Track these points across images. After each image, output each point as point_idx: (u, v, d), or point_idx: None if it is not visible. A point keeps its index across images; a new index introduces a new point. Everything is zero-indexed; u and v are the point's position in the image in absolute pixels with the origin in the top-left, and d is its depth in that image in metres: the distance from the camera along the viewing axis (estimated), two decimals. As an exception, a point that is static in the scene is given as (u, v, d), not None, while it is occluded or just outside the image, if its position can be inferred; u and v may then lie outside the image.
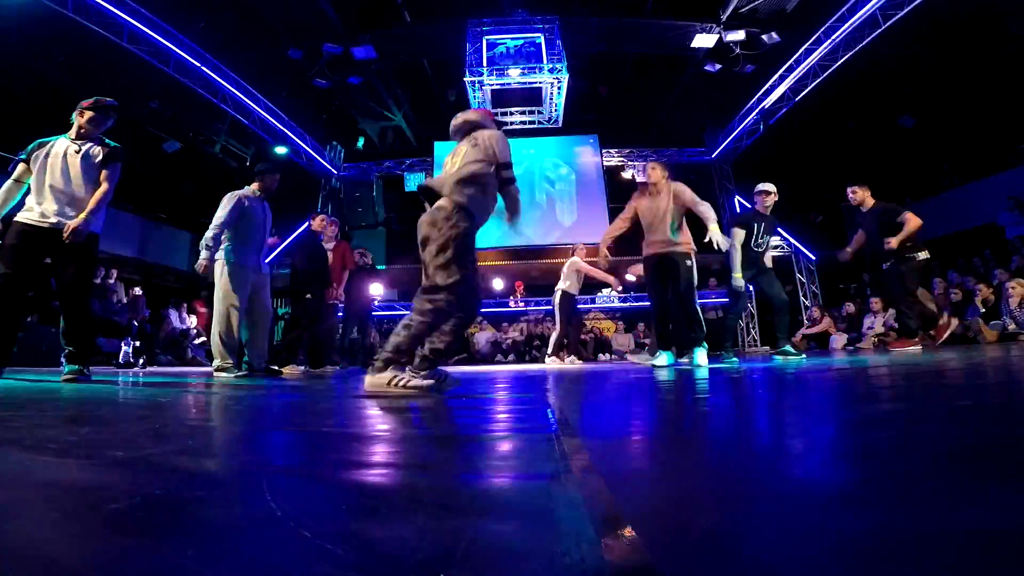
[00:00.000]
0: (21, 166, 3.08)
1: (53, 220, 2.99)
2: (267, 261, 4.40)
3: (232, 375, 3.78)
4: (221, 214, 3.89)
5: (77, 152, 3.10)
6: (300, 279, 4.96)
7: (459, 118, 2.28)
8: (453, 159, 2.18)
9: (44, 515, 0.54)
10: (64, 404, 1.82)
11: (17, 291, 2.97)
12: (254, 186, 4.20)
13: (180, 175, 11.52)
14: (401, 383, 1.91)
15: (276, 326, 7.53)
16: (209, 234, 3.84)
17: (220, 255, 3.94)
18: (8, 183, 3.06)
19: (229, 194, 4.03)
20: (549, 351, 6.62)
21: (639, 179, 11.54)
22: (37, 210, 2.99)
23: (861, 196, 5.07)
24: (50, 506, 0.58)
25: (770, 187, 4.77)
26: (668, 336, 4.24)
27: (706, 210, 3.97)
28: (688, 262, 4.02)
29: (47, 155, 3.06)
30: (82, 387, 2.56)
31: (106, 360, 7.05)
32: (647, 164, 4.40)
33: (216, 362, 3.90)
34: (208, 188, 12.28)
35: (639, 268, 4.71)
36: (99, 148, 3.18)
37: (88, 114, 3.16)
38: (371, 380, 1.95)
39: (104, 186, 3.13)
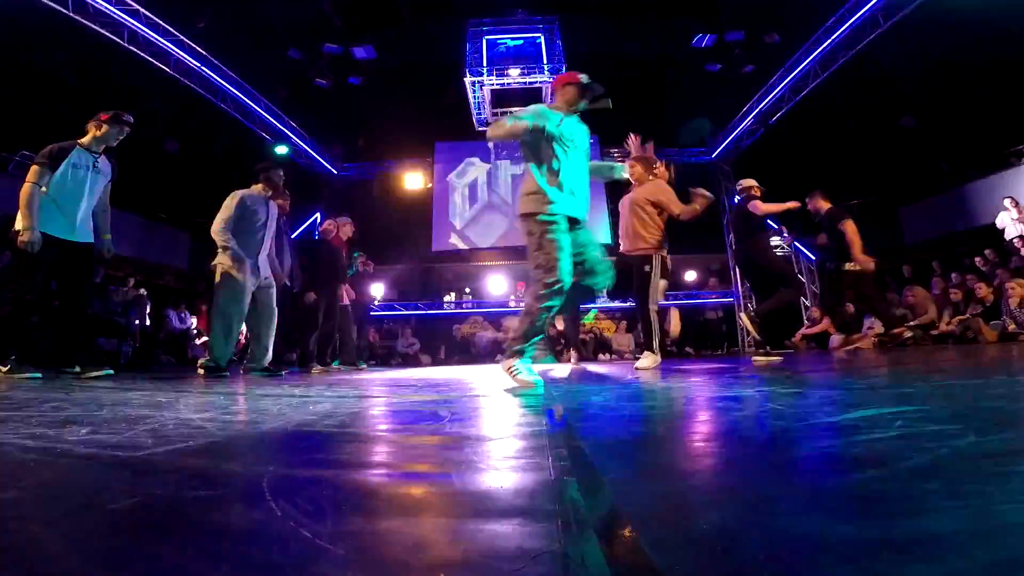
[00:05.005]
0: (41, 170, 3.17)
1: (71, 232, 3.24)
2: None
3: (217, 374, 3.69)
4: (222, 214, 3.86)
5: (95, 165, 3.31)
6: (310, 280, 4.95)
7: None
8: None
9: (44, 515, 0.54)
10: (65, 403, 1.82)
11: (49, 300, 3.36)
12: (258, 186, 4.11)
13: (180, 175, 11.50)
14: None
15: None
16: (221, 237, 3.80)
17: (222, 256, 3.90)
18: (35, 191, 3.12)
19: (232, 193, 3.99)
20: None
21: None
22: (60, 221, 3.18)
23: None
24: (50, 506, 0.58)
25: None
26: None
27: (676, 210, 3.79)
28: (647, 267, 3.77)
29: (69, 165, 3.22)
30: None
31: (108, 361, 7.03)
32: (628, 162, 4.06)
33: (203, 360, 3.86)
34: (208, 188, 12.30)
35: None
36: (109, 163, 3.43)
37: (105, 127, 3.32)
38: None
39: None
